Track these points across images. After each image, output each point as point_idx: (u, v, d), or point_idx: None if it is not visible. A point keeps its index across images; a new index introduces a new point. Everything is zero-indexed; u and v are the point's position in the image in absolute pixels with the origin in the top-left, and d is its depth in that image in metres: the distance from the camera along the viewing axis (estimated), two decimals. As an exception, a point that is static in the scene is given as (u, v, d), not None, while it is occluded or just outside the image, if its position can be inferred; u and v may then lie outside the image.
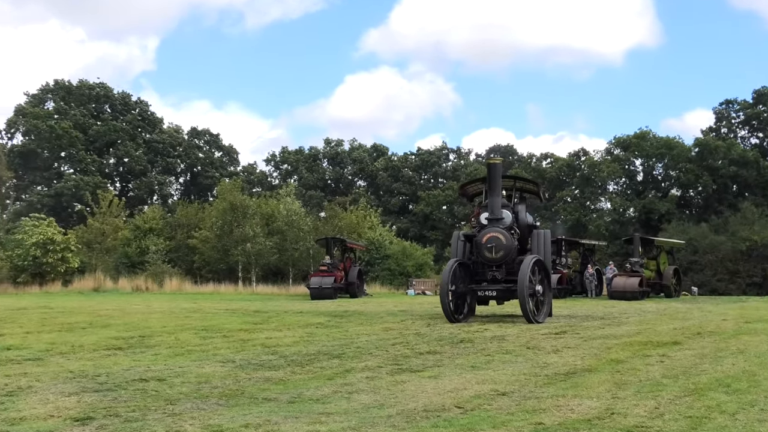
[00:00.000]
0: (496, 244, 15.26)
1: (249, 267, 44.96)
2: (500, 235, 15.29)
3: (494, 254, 15.28)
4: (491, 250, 15.28)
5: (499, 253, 15.26)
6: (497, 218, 15.54)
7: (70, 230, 46.27)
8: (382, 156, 79.12)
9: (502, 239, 15.26)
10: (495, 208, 15.58)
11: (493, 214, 15.61)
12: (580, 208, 63.18)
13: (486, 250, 15.32)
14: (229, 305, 23.46)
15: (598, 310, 20.57)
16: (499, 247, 15.25)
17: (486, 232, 15.42)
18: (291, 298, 33.44)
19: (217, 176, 69.82)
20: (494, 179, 15.74)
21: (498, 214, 15.57)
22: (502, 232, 15.33)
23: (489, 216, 15.69)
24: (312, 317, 17.00)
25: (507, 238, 15.28)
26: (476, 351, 9.88)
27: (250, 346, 10.53)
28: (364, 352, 9.82)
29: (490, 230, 15.40)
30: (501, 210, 15.65)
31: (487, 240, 15.31)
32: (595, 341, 11.02)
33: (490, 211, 15.69)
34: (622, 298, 28.33)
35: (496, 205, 15.59)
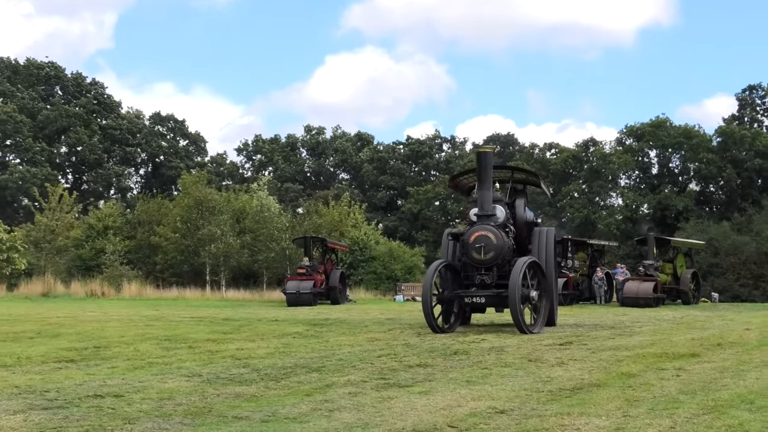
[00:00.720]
0: (486, 243, 14.93)
1: (217, 269, 44.89)
2: (490, 233, 14.98)
3: (483, 255, 14.95)
4: (480, 251, 14.95)
5: (489, 254, 14.94)
6: (487, 214, 15.23)
7: (15, 228, 46.00)
8: (368, 146, 79.22)
9: (492, 238, 14.94)
10: (485, 203, 15.28)
11: (482, 210, 15.31)
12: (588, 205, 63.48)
13: (474, 251, 15.00)
14: (196, 312, 23.36)
15: (608, 318, 20.66)
16: (488, 248, 14.93)
17: (474, 231, 15.13)
18: (265, 304, 33.34)
19: (181, 167, 69.70)
20: (485, 170, 15.41)
21: (488, 209, 15.26)
22: (492, 230, 15.02)
23: (478, 212, 15.43)
24: (288, 326, 16.97)
25: (498, 237, 14.99)
26: (472, 364, 9.90)
27: (219, 359, 10.50)
28: (347, 364, 9.81)
29: (479, 228, 15.10)
30: (493, 205, 15.38)
31: (476, 239, 15.00)
32: (604, 353, 11.07)
33: (480, 206, 15.39)
34: (634, 305, 28.46)
35: (487, 199, 15.28)
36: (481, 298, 15.17)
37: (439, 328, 14.79)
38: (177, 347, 12.11)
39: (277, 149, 78.50)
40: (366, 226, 50.34)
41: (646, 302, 28.75)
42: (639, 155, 64.44)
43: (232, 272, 46.16)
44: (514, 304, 14.15)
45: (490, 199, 15.31)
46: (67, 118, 68.39)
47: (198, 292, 40.95)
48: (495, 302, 15.45)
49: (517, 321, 14.25)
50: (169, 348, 11.96)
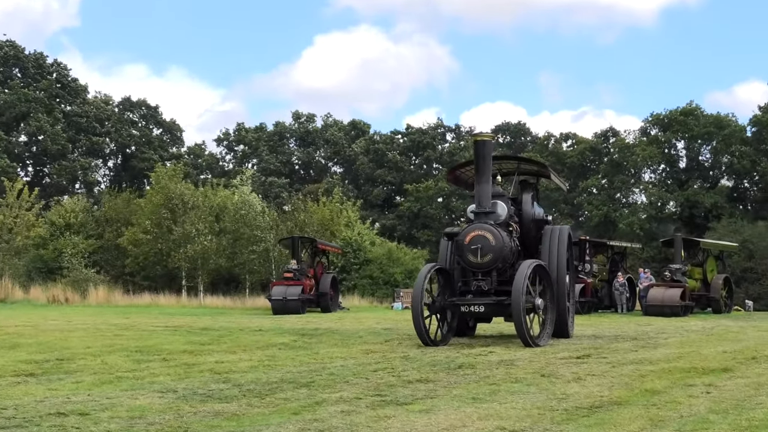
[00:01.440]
0: (483, 245, 14.62)
1: (194, 273, 44.89)
2: (488, 233, 14.67)
3: (480, 258, 14.64)
4: (476, 253, 14.63)
5: (486, 256, 14.62)
6: (485, 211, 14.97)
7: (-31, 226, 45.96)
8: (362, 136, 79.28)
9: (490, 239, 14.63)
10: (483, 198, 15.02)
11: (480, 206, 15.04)
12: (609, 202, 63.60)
13: (469, 253, 14.70)
14: (170, 321, 23.34)
15: (630, 328, 20.67)
16: (486, 249, 14.61)
17: (469, 230, 14.84)
18: (247, 312, 33.30)
19: (155, 159, 69.67)
20: (483, 160, 15.13)
21: (487, 205, 14.99)
22: (491, 229, 14.71)
23: (475, 208, 15.18)
24: (274, 336, 16.96)
25: (497, 237, 14.67)
26: (478, 379, 9.90)
27: (196, 372, 10.49)
28: (339, 379, 9.82)
29: (476, 227, 14.83)
30: (493, 201, 15.17)
31: (471, 240, 14.70)
32: (625, 367, 11.08)
33: (477, 201, 15.13)
34: (659, 314, 28.49)
35: (485, 194, 15.02)
36: (479, 306, 14.85)
37: (431, 341, 14.56)
38: (149, 360, 12.09)
39: (262, 139, 78.58)
40: (360, 225, 50.35)
41: (672, 311, 28.78)
42: (665, 147, 64.51)
43: (211, 276, 46.18)
44: (518, 313, 13.89)
45: (489, 194, 15.09)
46: (27, 104, 68.25)
47: (173, 298, 40.96)
48: (495, 311, 15.21)
49: (522, 333, 14.03)
50: (141, 360, 11.95)
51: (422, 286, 14.55)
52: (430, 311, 15.03)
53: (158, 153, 73.47)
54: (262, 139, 78.39)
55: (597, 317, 28.18)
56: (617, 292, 33.30)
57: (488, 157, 15.21)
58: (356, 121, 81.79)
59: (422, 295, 14.52)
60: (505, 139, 79.53)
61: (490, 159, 15.31)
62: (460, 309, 15.04)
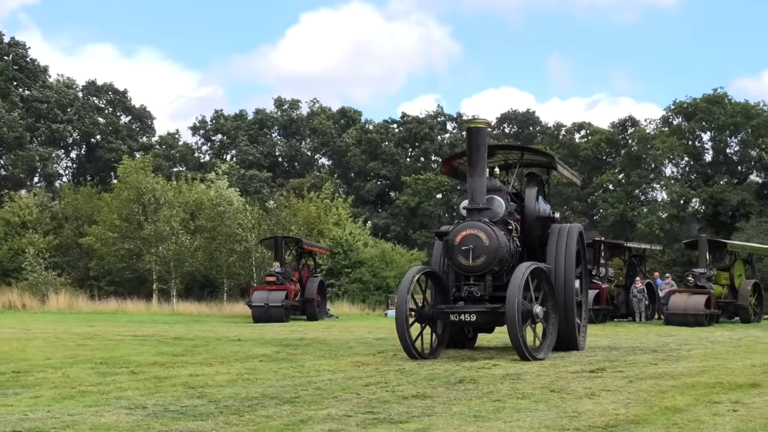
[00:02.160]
0: (475, 245, 14.37)
1: (166, 277, 44.86)
2: (482, 232, 14.43)
3: (471, 260, 14.41)
4: (467, 255, 14.41)
5: (479, 258, 14.40)
6: (479, 208, 14.77)
7: None
8: (353, 125, 79.26)
9: (483, 239, 14.39)
10: (476, 193, 14.79)
11: (473, 202, 14.83)
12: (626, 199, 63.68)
13: (460, 255, 14.49)
14: (139, 329, 23.33)
15: (650, 339, 20.71)
16: (478, 250, 14.38)
17: (460, 229, 14.63)
18: (225, 320, 33.28)
19: (122, 150, 69.54)
20: (476, 150, 14.87)
21: (480, 201, 14.78)
22: (484, 228, 14.49)
23: (468, 204, 14.99)
24: (254, 347, 16.96)
25: (492, 236, 14.44)
26: (481, 395, 9.91)
27: (168, 387, 10.49)
28: (327, 395, 9.82)
29: (468, 225, 14.62)
30: (490, 196, 15.05)
31: (462, 240, 14.48)
32: (644, 382, 11.10)
33: (470, 196, 14.93)
34: (682, 324, 28.54)
35: (479, 188, 14.79)
36: (470, 315, 14.51)
37: (418, 354, 14.39)
38: (116, 372, 12.08)
39: (242, 128, 78.54)
40: (351, 223, 50.41)
41: (696, 320, 28.82)
42: (688, 138, 64.61)
43: (185, 280, 46.18)
44: (513, 322, 13.65)
45: (484, 188, 14.86)
46: (-20, 88, 68.16)
47: (142, 304, 40.94)
48: (489, 320, 14.96)
49: (517, 344, 13.83)
50: (107, 373, 11.95)
51: (407, 292, 14.35)
52: (417, 320, 15.00)
53: (126, 143, 73.35)
54: (242, 128, 78.35)
55: (613, 327, 28.21)
56: (635, 299, 33.34)
57: (483, 146, 14.94)
58: (346, 109, 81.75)
59: (407, 301, 14.38)
60: (511, 129, 79.60)
61: (485, 148, 15.04)
62: (449, 317, 14.74)
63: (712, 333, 24.07)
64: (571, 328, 15.88)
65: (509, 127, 79.76)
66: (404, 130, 76.48)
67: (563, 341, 15.82)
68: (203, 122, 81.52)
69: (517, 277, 13.98)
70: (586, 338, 17.28)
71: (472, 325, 15.41)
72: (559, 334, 15.57)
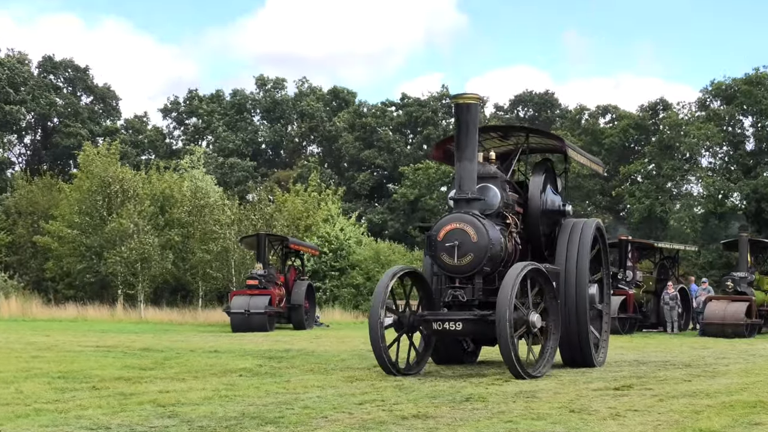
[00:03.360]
0: (461, 242, 13.91)
1: (133, 280, 44.85)
2: (468, 226, 13.97)
3: (456, 259, 13.98)
4: (452, 253, 13.99)
5: (466, 257, 13.95)
6: (467, 198, 14.29)
7: None
8: (346, 107, 79.23)
9: (471, 234, 13.93)
10: (465, 180, 14.33)
11: (460, 191, 14.36)
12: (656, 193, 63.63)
13: (444, 253, 14.09)
14: (102, 339, 23.31)
15: (683, 352, 20.72)
16: (465, 248, 13.92)
17: (445, 223, 14.25)
18: (200, 329, 33.27)
19: (83, 135, 69.49)
20: (466, 130, 14.41)
21: (469, 190, 14.29)
22: (473, 221, 14.02)
23: (455, 194, 14.54)
24: (233, 359, 16.96)
25: (481, 231, 13.96)
26: (491, 415, 9.91)
27: (135, 405, 10.47)
28: (315, 414, 9.81)
29: (453, 218, 14.20)
30: (483, 185, 14.70)
31: (446, 235, 14.06)
32: (676, 401, 11.11)
33: (457, 185, 14.48)
34: (719, 335, 28.56)
35: (468, 174, 14.34)
36: (455, 323, 14.06)
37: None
38: (76, 388, 12.06)
39: (219, 111, 78.49)
40: (343, 219, 50.42)
41: (735, 330, 28.84)
42: (727, 124, 64.55)
43: (154, 284, 46.14)
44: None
45: (474, 174, 14.40)
46: None
47: (105, 310, 40.94)
48: (478, 330, 14.44)
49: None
50: (65, 389, 11.93)
51: (383, 296, 14.11)
52: (396, 329, 14.70)
53: (88, 127, 73.24)
54: (218, 111, 78.28)
55: (641, 338, 28.23)
56: (667, 306, 33.35)
57: (473, 125, 14.42)
58: (338, 89, 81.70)
59: (382, 308, 14.13)
60: (526, 112, 79.62)
61: (476, 128, 14.51)
62: (432, 326, 14.35)
63: (754, 345, 24.08)
64: (584, 341, 15.58)
65: (524, 111, 79.76)
66: (404, 114, 76.43)
67: (575, 357, 15.70)
68: (175, 104, 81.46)
69: (509, 279, 13.51)
70: (606, 353, 16.96)
71: (458, 334, 14.85)
72: (571, 348, 15.46)
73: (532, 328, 13.96)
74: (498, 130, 17.81)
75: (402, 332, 14.77)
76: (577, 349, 15.53)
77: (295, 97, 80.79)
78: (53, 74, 76.77)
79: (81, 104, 76.65)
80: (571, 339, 15.35)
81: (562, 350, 15.62)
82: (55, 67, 76.66)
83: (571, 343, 15.42)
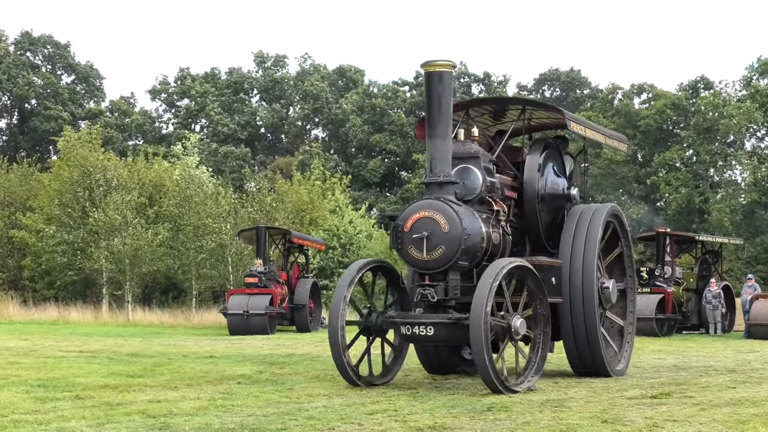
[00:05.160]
0: (431, 232, 13.22)
1: (120, 279, 44.90)
2: (439, 214, 13.22)
3: (425, 253, 13.26)
4: (420, 246, 13.28)
5: (436, 250, 13.22)
6: (439, 180, 13.55)
7: None
8: (354, 87, 79.19)
9: (441, 223, 13.19)
10: (438, 161, 13.63)
11: (432, 174, 13.65)
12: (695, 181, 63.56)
13: (412, 246, 13.38)
14: (86, 344, 23.35)
15: (727, 356, 20.69)
16: (435, 240, 13.20)
17: (412, 211, 13.56)
18: (194, 332, 33.31)
19: (64, 118, 69.61)
20: (438, 103, 13.65)
21: (442, 171, 13.57)
22: (444, 208, 13.28)
23: (427, 177, 13.81)
24: (231, 365, 16.98)
25: (453, 220, 13.20)
26: (515, 426, 9.91)
27: (122, 416, 10.49)
28: (322, 426, 9.83)
29: (421, 206, 13.52)
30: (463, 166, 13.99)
31: (414, 226, 13.37)
32: (719, 410, 11.10)
33: (428, 166, 13.83)
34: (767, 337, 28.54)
35: (441, 154, 13.63)
36: (426, 327, 13.28)
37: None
38: (57, 397, 12.09)
39: (214, 92, 78.51)
40: (351, 211, 50.41)
41: (785, 332, 28.82)
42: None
43: (143, 283, 46.17)
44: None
45: (448, 154, 13.68)
46: None
47: (89, 312, 40.97)
48: (453, 336, 13.54)
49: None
50: (45, 399, 11.96)
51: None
52: (362, 332, 14.22)
53: (69, 109, 73.40)
54: (212, 92, 78.23)
55: (681, 340, 28.19)
56: (709, 305, 33.26)
57: (446, 97, 13.66)
58: (345, 67, 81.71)
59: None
60: (552, 92, 79.54)
61: (449, 100, 13.78)
62: (400, 330, 13.75)
63: (805, 348, 24.05)
64: (594, 346, 14.85)
65: (550, 90, 79.66)
66: (417, 95, 76.37)
67: (586, 365, 15.08)
68: (165, 84, 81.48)
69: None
70: (629, 360, 16.28)
71: (430, 340, 13.90)
72: (580, 354, 14.91)
73: (515, 335, 13.16)
74: (491, 103, 17.00)
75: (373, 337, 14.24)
76: (586, 356, 14.94)
77: (297, 76, 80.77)
78: (31, 51, 76.85)
79: (61, 84, 76.78)
80: (579, 344, 14.86)
81: (570, 357, 15.25)
82: (33, 44, 76.77)
83: (579, 348, 14.91)
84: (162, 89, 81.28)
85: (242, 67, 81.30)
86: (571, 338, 14.87)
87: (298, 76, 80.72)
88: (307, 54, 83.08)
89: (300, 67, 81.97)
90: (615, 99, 72.66)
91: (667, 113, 67.85)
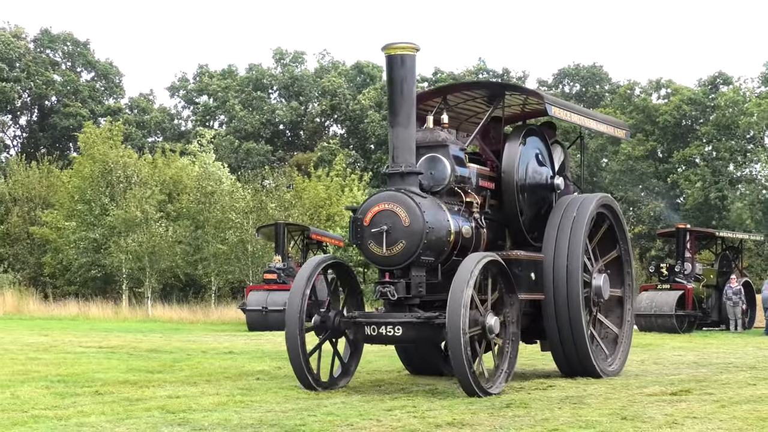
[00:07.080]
0: (391, 226, 12.60)
1: (140, 275, 44.99)
2: (399, 207, 12.62)
3: (385, 248, 12.64)
4: (379, 240, 12.64)
5: (396, 245, 12.60)
6: (401, 171, 12.92)
7: None
8: (373, 83, 79.07)
9: (402, 217, 12.57)
10: (401, 150, 12.98)
11: (394, 164, 13.03)
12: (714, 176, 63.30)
13: (371, 240, 12.78)
14: (106, 340, 23.41)
15: (747, 353, 20.62)
16: (395, 234, 12.58)
17: (372, 203, 12.97)
18: (213, 328, 33.36)
19: (83, 115, 69.70)
20: (400, 88, 12.98)
21: (405, 161, 12.94)
22: (404, 200, 12.66)
23: (389, 167, 13.21)
24: (250, 361, 16.99)
25: (414, 213, 12.56)
26: (534, 423, 9.89)
27: (142, 411, 10.51)
28: (340, 422, 9.82)
29: (382, 198, 12.93)
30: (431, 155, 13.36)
31: (373, 219, 12.77)
32: (740, 407, 11.05)
33: (391, 156, 13.20)
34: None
35: (404, 143, 12.97)
36: (394, 327, 12.66)
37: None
38: (77, 393, 12.12)
39: (233, 88, 78.48)
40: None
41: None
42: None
43: (163, 279, 46.25)
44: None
45: (411, 144, 13.02)
46: None
47: (109, 308, 41.05)
48: (423, 336, 12.99)
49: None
50: (65, 394, 11.98)
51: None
52: (318, 333, 13.46)
53: (88, 106, 73.42)
54: (231, 89, 78.22)
55: (701, 337, 28.12)
56: (730, 302, 33.15)
57: (408, 82, 12.99)
58: (363, 64, 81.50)
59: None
60: (572, 87, 79.29)
61: (412, 85, 13.11)
62: (364, 330, 13.05)
63: (826, 345, 23.96)
64: (580, 345, 14.22)
65: (570, 86, 79.41)
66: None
67: (573, 365, 14.47)
68: (184, 81, 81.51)
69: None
70: (624, 360, 15.69)
71: (397, 341, 13.36)
72: (566, 354, 14.37)
73: (489, 334, 12.60)
74: (470, 88, 16.29)
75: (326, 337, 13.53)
76: (572, 355, 14.34)
77: (316, 73, 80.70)
78: (50, 49, 76.94)
79: (81, 82, 76.77)
80: (564, 343, 14.27)
81: (555, 357, 14.74)
82: (52, 42, 76.82)
83: (565, 347, 14.33)
84: (181, 86, 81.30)
85: (260, 64, 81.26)
86: (555, 337, 14.31)
87: (316, 73, 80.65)
88: (325, 50, 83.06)
89: (318, 64, 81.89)
90: (632, 94, 72.36)
91: (684, 108, 67.51)
